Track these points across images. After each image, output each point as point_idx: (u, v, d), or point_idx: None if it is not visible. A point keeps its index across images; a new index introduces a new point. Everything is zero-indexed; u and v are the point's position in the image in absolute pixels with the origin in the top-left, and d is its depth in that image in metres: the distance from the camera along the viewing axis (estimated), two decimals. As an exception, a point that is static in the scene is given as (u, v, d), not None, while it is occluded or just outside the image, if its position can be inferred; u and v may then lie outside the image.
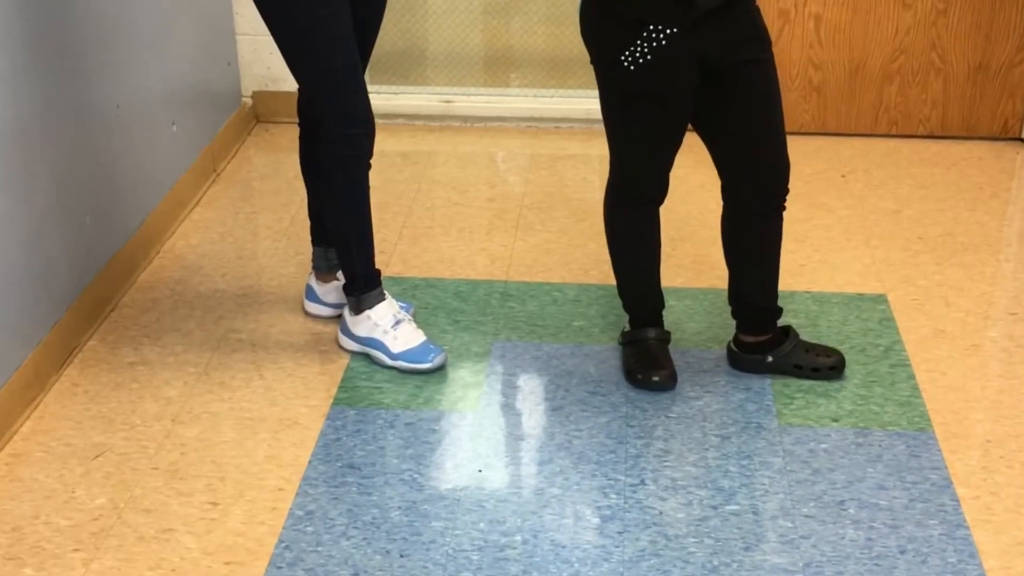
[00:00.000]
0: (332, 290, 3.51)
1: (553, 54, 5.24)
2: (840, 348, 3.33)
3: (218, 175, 4.43)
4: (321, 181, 3.28)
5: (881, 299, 3.64)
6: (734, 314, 3.28)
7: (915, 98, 4.67)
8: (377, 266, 3.35)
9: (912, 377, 3.27)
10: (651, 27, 2.83)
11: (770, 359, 3.24)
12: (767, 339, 3.25)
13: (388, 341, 3.28)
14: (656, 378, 3.20)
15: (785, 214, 3.17)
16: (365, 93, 3.12)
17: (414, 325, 3.33)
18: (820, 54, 4.64)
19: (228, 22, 4.67)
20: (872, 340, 3.43)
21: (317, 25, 3.01)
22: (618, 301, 3.35)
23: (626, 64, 2.88)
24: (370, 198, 3.25)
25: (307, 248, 3.61)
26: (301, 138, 3.40)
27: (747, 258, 3.21)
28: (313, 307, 3.54)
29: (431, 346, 3.29)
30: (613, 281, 3.30)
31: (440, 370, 3.28)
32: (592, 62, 3.01)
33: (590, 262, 3.85)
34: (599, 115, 4.78)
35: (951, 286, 3.72)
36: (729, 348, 3.32)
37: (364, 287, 3.31)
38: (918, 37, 4.58)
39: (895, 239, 3.99)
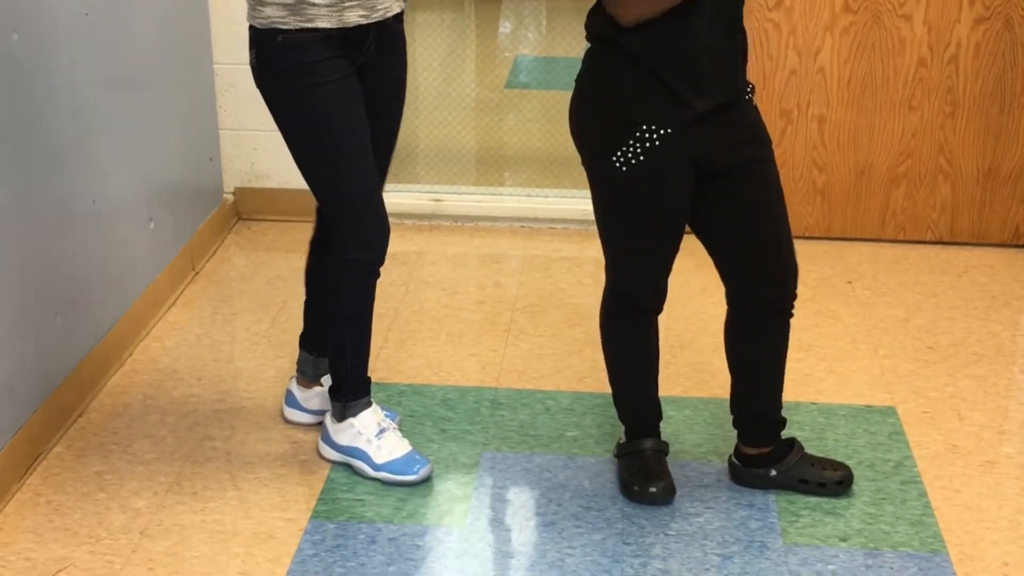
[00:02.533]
0: (314, 396, 3.46)
1: (547, 152, 5.22)
2: (848, 463, 3.26)
3: (196, 274, 4.39)
4: (326, 286, 3.23)
5: (890, 411, 3.57)
6: (736, 424, 3.23)
7: (923, 203, 4.64)
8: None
9: (924, 495, 3.20)
10: (644, 127, 2.80)
11: (773, 473, 3.18)
12: (770, 452, 3.19)
13: (371, 451, 3.22)
14: (653, 490, 3.13)
15: (791, 321, 3.12)
16: (380, 201, 3.11)
17: (399, 434, 3.28)
18: (824, 156, 4.61)
19: (212, 117, 4.67)
20: (881, 455, 3.36)
21: (332, 134, 3.00)
22: (614, 411, 3.29)
23: (618, 165, 2.84)
24: (373, 307, 3.23)
25: (288, 352, 3.60)
26: (314, 241, 3.35)
27: (751, 366, 3.16)
28: (293, 414, 3.47)
29: (416, 456, 3.24)
30: (608, 389, 3.28)
31: (425, 482, 3.22)
32: (583, 163, 2.98)
33: (585, 369, 3.78)
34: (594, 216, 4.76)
35: (963, 399, 3.66)
36: (730, 461, 3.26)
37: (353, 395, 3.26)
38: (925, 140, 4.56)
39: (904, 349, 3.95)
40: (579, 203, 4.79)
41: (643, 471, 3.15)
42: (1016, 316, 4.17)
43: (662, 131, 2.80)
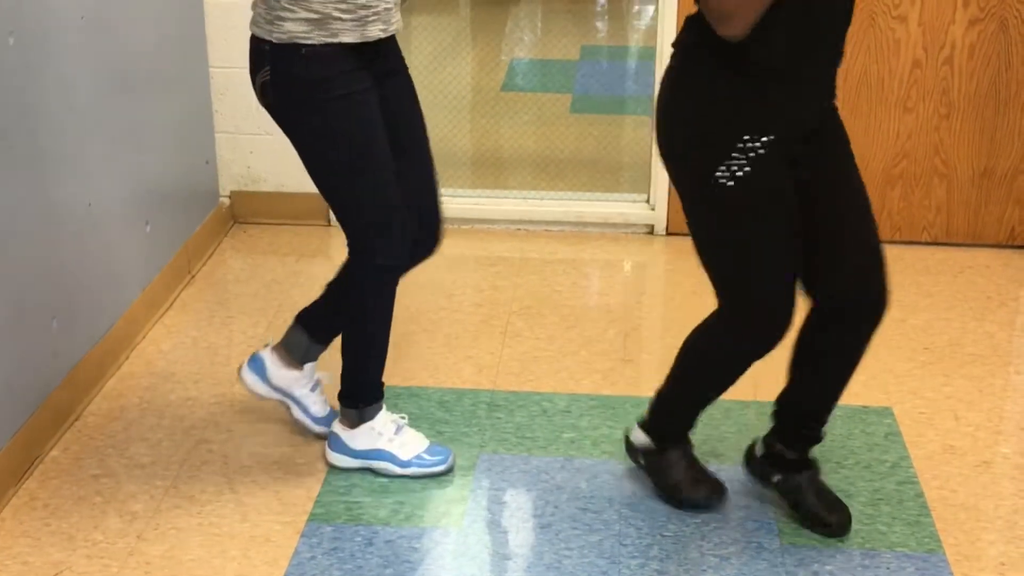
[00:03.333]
0: (287, 376, 3.35)
1: (543, 155, 5.21)
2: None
3: (193, 277, 4.37)
4: (348, 296, 3.19)
5: (887, 412, 3.56)
6: (775, 417, 3.08)
7: (918, 203, 4.63)
8: None
9: (921, 495, 3.19)
10: (746, 137, 2.65)
11: (778, 478, 3.08)
12: (792, 459, 3.07)
13: (395, 449, 3.23)
14: (710, 496, 3.13)
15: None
16: (405, 209, 3.06)
17: (414, 429, 3.29)
18: (819, 157, 4.56)
19: (208, 120, 4.65)
20: (878, 455, 3.35)
21: (362, 145, 2.98)
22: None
23: (723, 181, 2.68)
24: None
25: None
26: None
27: (828, 372, 2.99)
28: (255, 383, 3.37)
29: (438, 448, 3.26)
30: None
31: (429, 480, 3.22)
32: (676, 181, 2.82)
33: (581, 371, 3.77)
34: (590, 218, 4.78)
35: (960, 399, 3.65)
36: (750, 448, 3.16)
37: (371, 398, 3.25)
38: (921, 141, 4.55)
39: (901, 349, 3.94)
40: (574, 205, 4.80)
41: (690, 478, 3.11)
42: (1012, 316, 4.17)
43: (766, 137, 2.66)
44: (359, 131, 2.97)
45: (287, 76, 2.92)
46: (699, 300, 3.01)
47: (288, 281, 4.33)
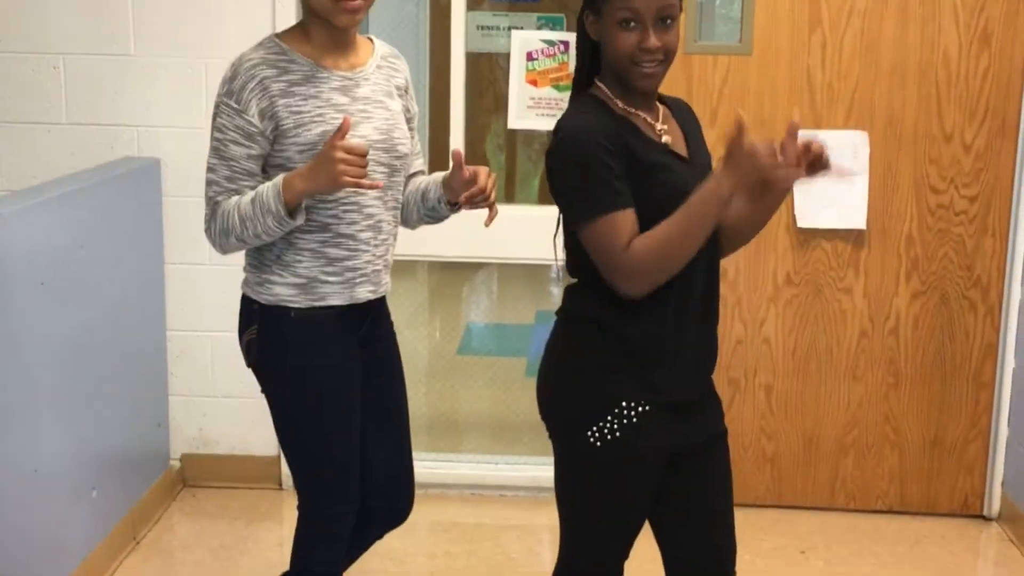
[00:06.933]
0: None
1: (498, 419, 5.20)
2: None
3: (137, 543, 4.28)
4: (295, 554, 3.14)
5: None
6: None
7: (871, 471, 4.63)
8: None
9: None
10: (624, 403, 2.70)
11: None
12: None
13: None
14: None
15: None
16: (355, 471, 3.06)
17: None
18: (772, 424, 4.61)
19: (162, 383, 4.62)
20: None
21: (333, 413, 2.99)
22: None
23: (592, 440, 2.72)
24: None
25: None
26: None
27: None
28: None
29: None
30: None
31: None
32: (552, 436, 2.86)
33: (534, 642, 3.64)
34: (546, 483, 4.71)
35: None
36: None
37: None
38: (871, 410, 4.57)
39: (858, 621, 3.83)
40: (529, 470, 4.77)
41: None
42: (969, 587, 4.13)
43: (641, 408, 2.69)
44: (338, 400, 2.97)
45: (275, 337, 2.94)
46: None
47: (236, 547, 4.24)
